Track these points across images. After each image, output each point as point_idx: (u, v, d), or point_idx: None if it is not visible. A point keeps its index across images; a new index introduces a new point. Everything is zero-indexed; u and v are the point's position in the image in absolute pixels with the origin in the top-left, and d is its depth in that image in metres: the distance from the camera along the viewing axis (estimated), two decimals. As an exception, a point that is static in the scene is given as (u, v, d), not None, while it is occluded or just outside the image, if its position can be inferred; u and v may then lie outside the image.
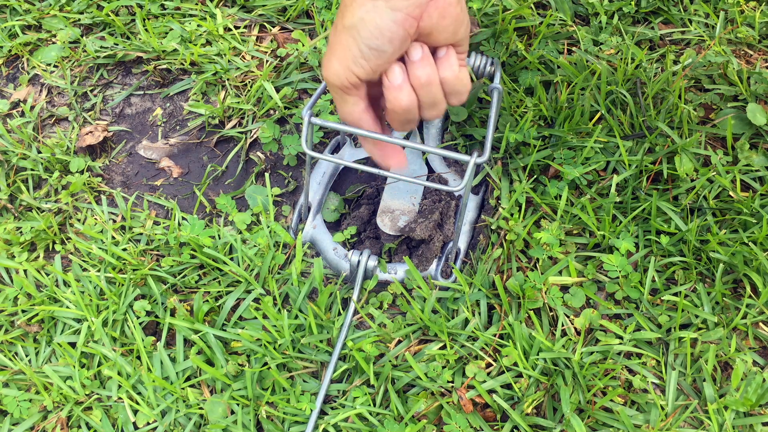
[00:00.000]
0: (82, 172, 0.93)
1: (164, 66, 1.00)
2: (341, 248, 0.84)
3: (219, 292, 0.83)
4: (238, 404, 0.75)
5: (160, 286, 0.83)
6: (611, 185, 0.84)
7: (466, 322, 0.78)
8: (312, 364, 0.78)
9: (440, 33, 0.61)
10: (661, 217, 0.83)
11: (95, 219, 0.89)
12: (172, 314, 0.81)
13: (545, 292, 0.79)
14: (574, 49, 0.98)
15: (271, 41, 1.02)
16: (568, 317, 0.78)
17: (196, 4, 1.06)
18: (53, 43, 1.04)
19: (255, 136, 0.95)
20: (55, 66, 1.03)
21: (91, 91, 1.01)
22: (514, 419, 0.72)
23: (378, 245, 0.84)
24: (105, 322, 0.81)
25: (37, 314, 0.82)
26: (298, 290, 0.81)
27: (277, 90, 0.97)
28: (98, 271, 0.85)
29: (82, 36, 1.04)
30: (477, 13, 0.99)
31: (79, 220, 0.90)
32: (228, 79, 0.98)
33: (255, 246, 0.85)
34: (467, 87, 0.66)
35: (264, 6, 1.05)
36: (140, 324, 0.81)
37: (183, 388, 0.77)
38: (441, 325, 0.76)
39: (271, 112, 0.96)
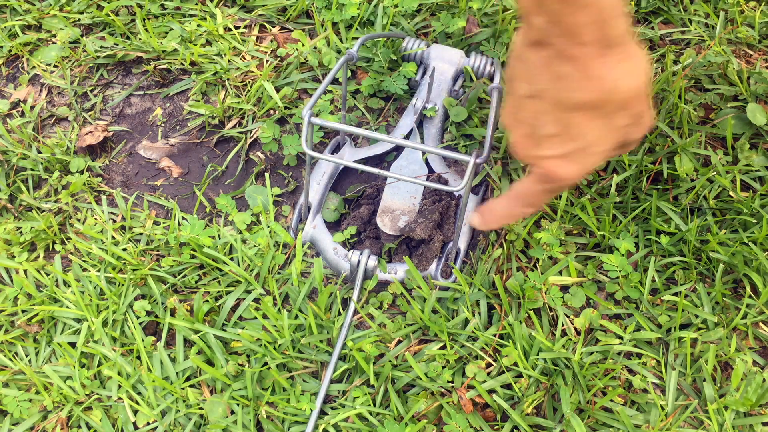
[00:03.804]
0: (82, 172, 0.93)
1: (164, 66, 1.01)
2: (341, 248, 0.84)
3: (219, 292, 0.83)
4: (238, 404, 0.75)
5: (160, 286, 0.83)
6: (611, 185, 0.84)
7: (466, 322, 0.78)
8: (312, 364, 0.78)
9: None
10: (661, 217, 0.83)
11: (95, 219, 0.89)
12: (172, 314, 0.81)
13: (545, 292, 0.79)
14: (574, 49, 0.98)
15: (271, 41, 1.02)
16: (568, 317, 0.78)
17: (196, 4, 1.06)
18: (53, 43, 1.04)
19: (255, 136, 0.95)
20: (55, 66, 1.03)
21: (91, 91, 1.01)
22: (514, 419, 0.72)
23: (378, 245, 0.84)
24: (105, 322, 0.81)
25: (37, 314, 0.82)
26: (298, 290, 0.81)
27: (277, 90, 0.97)
28: (98, 271, 0.85)
29: (82, 36, 1.04)
30: (477, 13, 0.99)
31: (79, 220, 0.90)
32: (228, 79, 0.98)
33: (255, 246, 0.85)
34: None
35: (264, 6, 1.05)
36: (140, 324, 0.81)
37: (183, 388, 0.77)
38: (441, 325, 0.76)
39: (271, 112, 0.96)
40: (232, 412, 0.76)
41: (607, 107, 0.54)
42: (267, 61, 1.00)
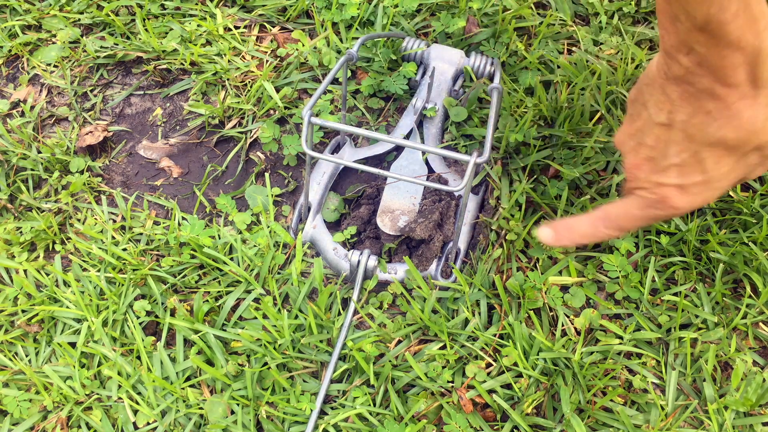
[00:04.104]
0: (82, 172, 0.93)
1: (164, 66, 1.01)
2: (341, 248, 0.84)
3: (219, 292, 0.83)
4: (238, 404, 0.75)
5: (160, 286, 0.83)
6: (611, 185, 0.84)
7: (466, 322, 0.78)
8: (312, 364, 0.78)
9: None
10: (661, 217, 0.83)
11: (95, 219, 0.89)
12: (172, 314, 0.81)
13: (545, 292, 0.79)
14: (574, 49, 0.98)
15: (271, 41, 1.02)
16: (568, 317, 0.78)
17: (196, 4, 1.06)
18: (53, 43, 1.04)
19: (255, 136, 0.95)
20: (55, 66, 1.03)
21: (91, 91, 1.01)
22: (514, 419, 0.72)
23: (378, 245, 0.84)
24: (105, 322, 0.81)
25: (37, 314, 0.82)
26: (298, 290, 0.81)
27: (277, 90, 0.97)
28: (98, 271, 0.85)
29: (82, 36, 1.04)
30: (477, 13, 0.99)
31: (79, 220, 0.90)
32: (228, 79, 0.98)
33: (255, 246, 0.85)
34: None
35: (264, 6, 1.05)
36: (140, 324, 0.81)
37: (183, 388, 0.77)
38: (441, 325, 0.76)
39: (271, 112, 0.96)
40: (232, 412, 0.76)
41: (744, 147, 0.54)
42: (267, 61, 1.00)
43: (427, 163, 0.90)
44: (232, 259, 0.84)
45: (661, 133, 0.56)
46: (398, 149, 0.91)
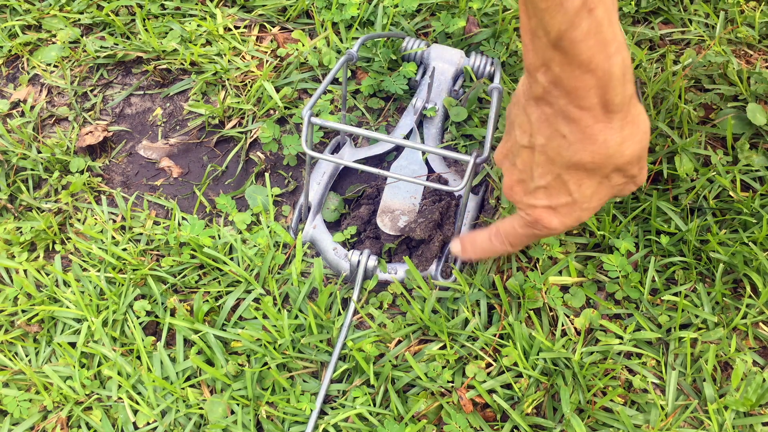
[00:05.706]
0: (82, 172, 0.93)
1: (164, 66, 1.01)
2: (341, 248, 0.84)
3: (219, 292, 0.83)
4: (238, 404, 0.75)
5: (160, 286, 0.83)
6: (611, 185, 0.84)
7: (466, 322, 0.78)
8: (312, 364, 0.78)
9: None
10: (661, 217, 0.83)
11: (95, 219, 0.89)
12: (172, 314, 0.81)
13: (545, 292, 0.79)
14: (574, 49, 0.98)
15: (271, 41, 1.02)
16: (568, 317, 0.78)
17: (196, 4, 1.06)
18: (53, 43, 1.04)
19: (255, 136, 0.95)
20: (55, 66, 1.03)
21: (91, 91, 1.01)
22: (514, 419, 0.72)
23: (378, 245, 0.84)
24: (105, 322, 0.81)
25: (37, 314, 0.82)
26: (298, 290, 0.81)
27: (277, 90, 0.97)
28: (98, 271, 0.85)
29: (82, 36, 1.04)
30: (477, 13, 0.99)
31: (79, 220, 0.90)
32: (228, 79, 0.98)
33: (255, 246, 0.85)
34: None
35: (264, 6, 1.05)
36: (140, 324, 0.81)
37: (183, 388, 0.77)
38: (441, 325, 0.76)
39: (271, 112, 0.96)
40: (232, 412, 0.76)
41: (603, 169, 0.55)
42: (267, 61, 1.00)
43: (427, 163, 0.90)
44: (232, 259, 0.84)
45: (526, 156, 0.57)
46: (398, 149, 0.91)
